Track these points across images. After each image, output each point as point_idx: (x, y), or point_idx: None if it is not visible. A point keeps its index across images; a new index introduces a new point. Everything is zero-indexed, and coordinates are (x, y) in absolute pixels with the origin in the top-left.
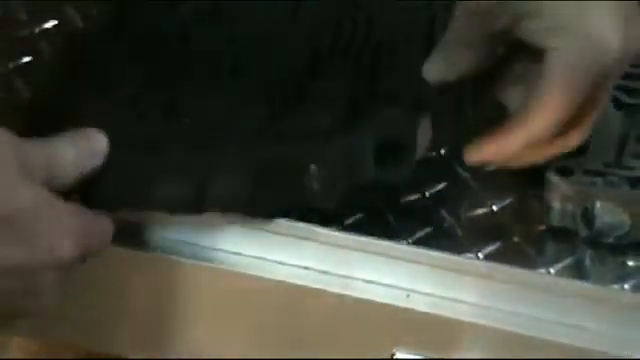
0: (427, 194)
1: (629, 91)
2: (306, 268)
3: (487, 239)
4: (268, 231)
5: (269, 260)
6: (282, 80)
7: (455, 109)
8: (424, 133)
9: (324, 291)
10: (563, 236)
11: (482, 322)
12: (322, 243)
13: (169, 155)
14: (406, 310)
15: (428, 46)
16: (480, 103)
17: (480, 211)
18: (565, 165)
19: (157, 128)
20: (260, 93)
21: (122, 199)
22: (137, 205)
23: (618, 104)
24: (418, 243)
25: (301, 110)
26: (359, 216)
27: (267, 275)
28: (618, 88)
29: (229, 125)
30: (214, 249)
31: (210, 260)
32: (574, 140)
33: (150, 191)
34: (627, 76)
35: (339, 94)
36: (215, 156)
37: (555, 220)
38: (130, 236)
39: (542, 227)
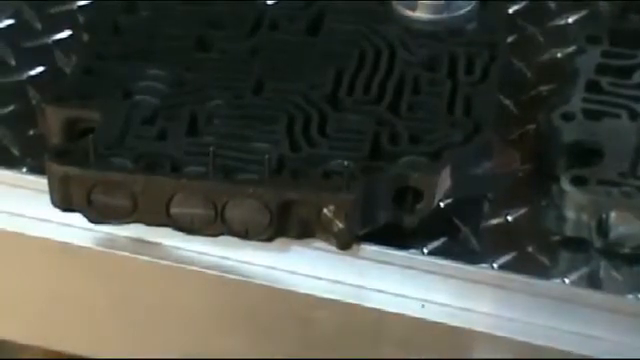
0: (442, 204)
1: None
2: (318, 278)
3: (502, 249)
4: (278, 241)
5: (280, 269)
6: (304, 107)
7: None
8: (444, 181)
9: (337, 301)
10: (578, 246)
11: (497, 332)
12: (335, 253)
13: (189, 176)
14: (421, 320)
15: (452, 92)
16: None
17: (495, 221)
18: (580, 175)
19: (178, 147)
20: (282, 117)
21: (139, 214)
22: (154, 222)
23: (632, 114)
24: (433, 253)
25: (323, 147)
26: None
27: (277, 285)
28: (632, 98)
29: (250, 149)
30: (223, 257)
31: (216, 268)
32: None
33: (168, 208)
34: None
35: (360, 132)
36: (234, 180)
37: (570, 230)
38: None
39: (557, 237)
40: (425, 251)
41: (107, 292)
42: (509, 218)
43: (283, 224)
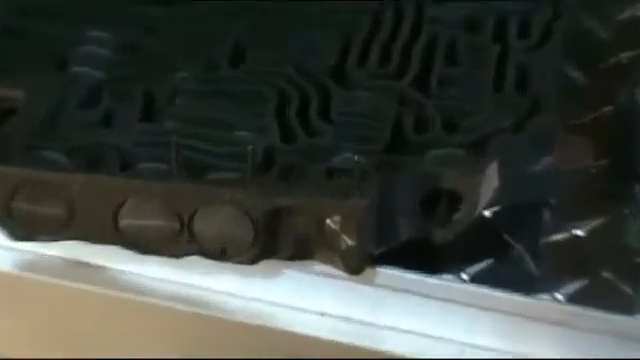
0: (487, 213)
1: None
2: (320, 313)
3: (569, 274)
4: (265, 263)
5: (267, 302)
6: (299, 83)
7: None
8: (489, 181)
9: (345, 344)
10: None
11: None
12: (342, 279)
13: (144, 175)
14: None
15: (500, 60)
16: None
17: (559, 236)
18: None
19: (130, 136)
20: (270, 96)
21: (77, 227)
22: (97, 237)
23: None
24: (475, 280)
25: (326, 136)
26: None
27: (265, 323)
28: None
29: (227, 138)
30: (190, 286)
31: (181, 300)
32: None
33: (116, 220)
34: None
35: (376, 115)
36: (205, 181)
37: None
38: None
39: None
40: (464, 277)
41: (32, 330)
42: (578, 232)
43: (272, 241)
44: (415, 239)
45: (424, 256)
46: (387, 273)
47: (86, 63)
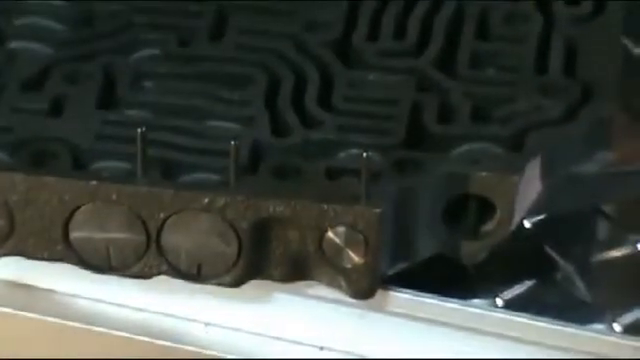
0: (527, 223)
1: None
2: (319, 347)
3: (631, 300)
4: (251, 286)
5: (253, 334)
6: (294, 61)
7: None
8: (529, 184)
9: None
10: None
11: None
12: (346, 305)
13: (101, 176)
14: None
15: (544, 33)
16: None
17: (618, 253)
18: None
19: (85, 128)
20: (257, 78)
21: (18, 240)
22: (43, 253)
23: None
24: (512, 306)
25: (327, 128)
26: None
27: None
28: None
29: (206, 131)
30: (158, 313)
31: (146, 332)
32: None
33: (66, 231)
34: None
35: (390, 102)
36: (178, 184)
37: None
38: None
39: None
40: (499, 302)
41: None
42: None
43: (260, 257)
44: (438, 256)
45: (449, 277)
46: (403, 298)
47: (30, 37)
